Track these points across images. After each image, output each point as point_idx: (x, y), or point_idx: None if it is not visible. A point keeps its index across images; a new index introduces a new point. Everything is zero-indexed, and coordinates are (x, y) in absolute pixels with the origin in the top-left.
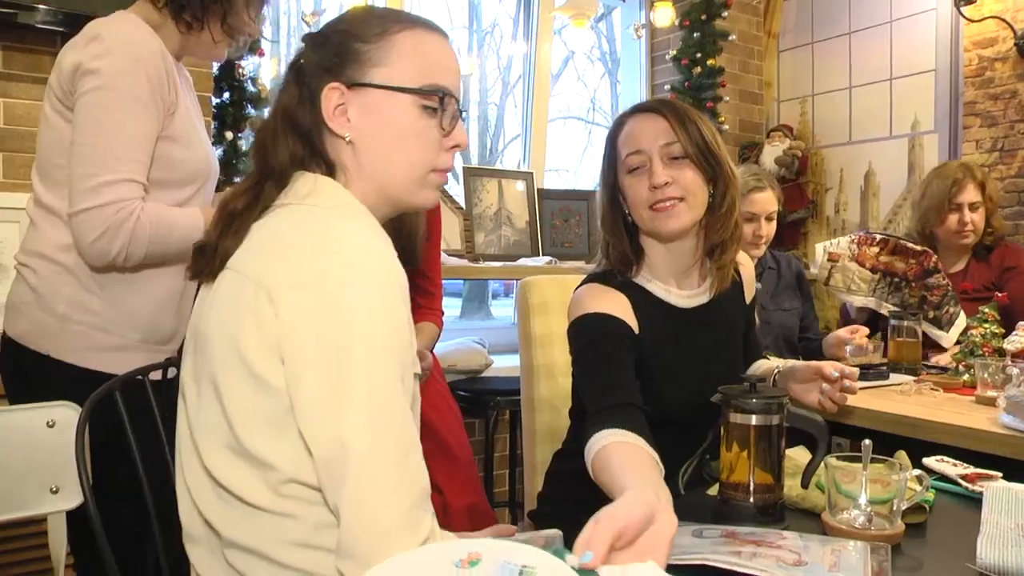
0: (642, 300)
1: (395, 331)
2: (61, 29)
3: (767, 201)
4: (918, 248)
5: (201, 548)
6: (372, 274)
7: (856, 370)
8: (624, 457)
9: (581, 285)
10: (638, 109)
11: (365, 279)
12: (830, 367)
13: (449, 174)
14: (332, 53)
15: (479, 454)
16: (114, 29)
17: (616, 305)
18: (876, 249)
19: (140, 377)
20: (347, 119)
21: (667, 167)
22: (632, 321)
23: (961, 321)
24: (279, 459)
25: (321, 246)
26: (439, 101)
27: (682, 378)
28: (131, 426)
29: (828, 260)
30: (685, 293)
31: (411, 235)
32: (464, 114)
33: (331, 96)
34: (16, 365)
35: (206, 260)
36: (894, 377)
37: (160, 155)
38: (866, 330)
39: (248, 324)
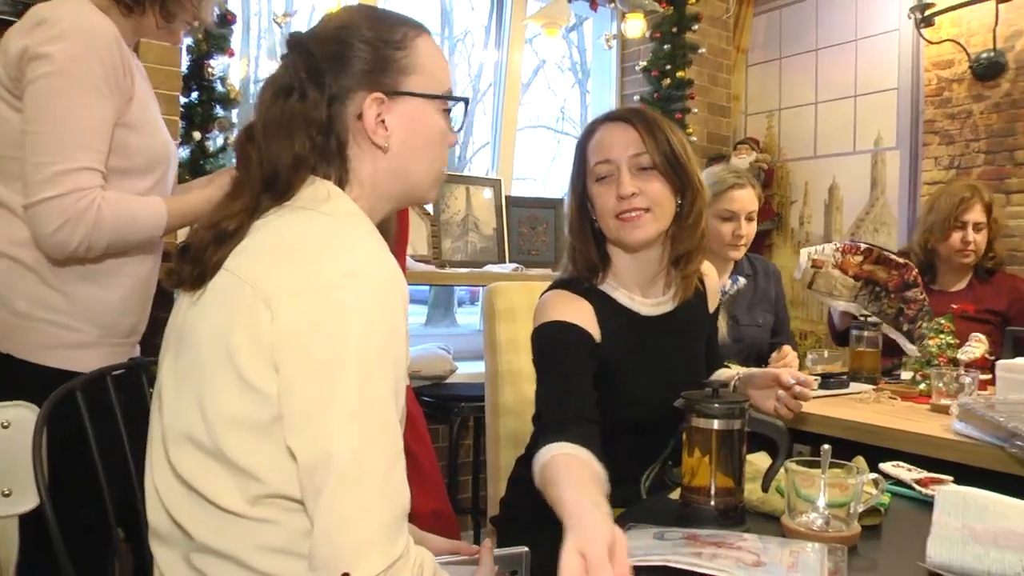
0: (606, 308)
1: (393, 344)
2: (16, 20)
3: (747, 199)
4: (900, 260)
5: (168, 548)
6: (375, 285)
7: (812, 378)
8: (566, 471)
9: (547, 291)
10: (609, 117)
11: (367, 289)
12: (787, 374)
13: None
14: (363, 60)
15: (443, 460)
16: (63, 13)
17: (579, 313)
18: (860, 258)
19: (104, 376)
20: (385, 128)
21: (635, 177)
22: (594, 329)
23: None
24: (260, 468)
25: (325, 254)
26: (464, 105)
27: (646, 385)
28: (91, 426)
29: (812, 266)
30: (649, 301)
31: (385, 238)
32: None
33: (373, 106)
34: None
35: (190, 269)
36: (854, 386)
37: (117, 143)
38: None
39: (241, 328)
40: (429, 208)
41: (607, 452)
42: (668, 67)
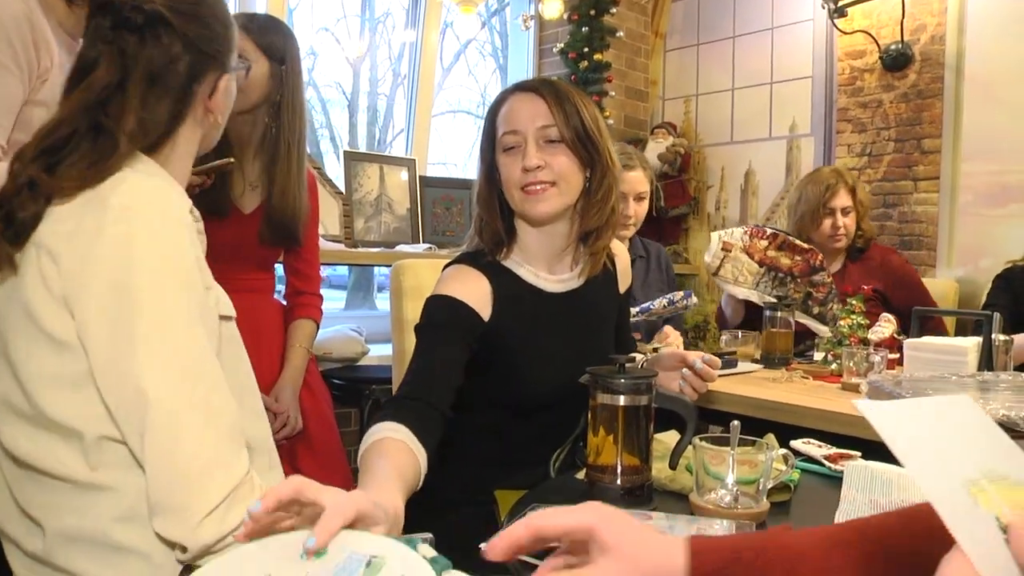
0: (508, 284)
1: (182, 268)
2: None
3: (636, 181)
4: (805, 246)
5: (17, 550)
6: (153, 214)
7: (718, 359)
8: (384, 457)
9: (450, 264)
10: (519, 87)
11: (145, 219)
12: (694, 355)
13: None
14: (216, 40)
15: (354, 444)
16: None
17: (472, 291)
18: (765, 243)
19: None
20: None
21: (541, 150)
22: (485, 309)
23: None
24: (83, 422)
25: (97, 195)
26: None
27: (553, 362)
28: None
29: (722, 249)
30: (556, 278)
31: (295, 214)
32: None
33: (220, 87)
34: None
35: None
36: (746, 366)
37: (23, 118)
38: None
39: (33, 283)
40: (341, 187)
41: (515, 432)
42: (586, 50)
